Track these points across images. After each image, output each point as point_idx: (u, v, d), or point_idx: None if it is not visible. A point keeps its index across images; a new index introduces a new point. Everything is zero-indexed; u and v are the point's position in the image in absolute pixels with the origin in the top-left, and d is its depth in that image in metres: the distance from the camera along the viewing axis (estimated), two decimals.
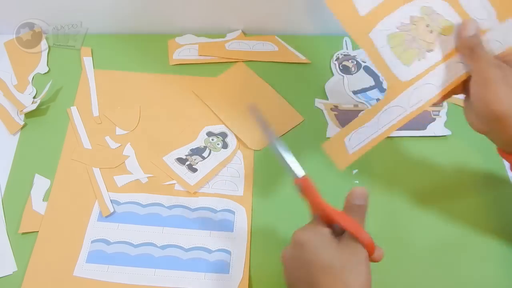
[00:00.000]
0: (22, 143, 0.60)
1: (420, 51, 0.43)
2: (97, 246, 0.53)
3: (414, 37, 0.44)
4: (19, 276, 0.50)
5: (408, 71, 0.44)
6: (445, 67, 0.43)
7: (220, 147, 0.60)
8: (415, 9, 0.44)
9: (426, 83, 0.43)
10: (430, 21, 0.44)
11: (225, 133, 0.62)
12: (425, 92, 0.43)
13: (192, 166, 0.58)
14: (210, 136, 0.61)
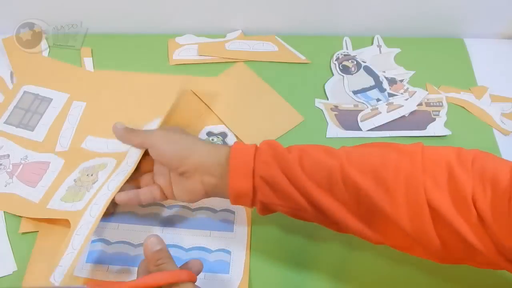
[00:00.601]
0: None
1: (87, 187, 0.53)
2: (97, 246, 0.53)
3: (81, 185, 0.54)
4: (19, 276, 0.50)
5: (82, 202, 0.52)
6: (108, 183, 0.52)
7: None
8: (75, 175, 0.56)
9: (100, 196, 0.51)
10: (88, 172, 0.55)
11: (225, 133, 0.62)
12: (101, 202, 0.50)
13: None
14: (210, 136, 0.61)
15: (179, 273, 0.39)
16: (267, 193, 0.43)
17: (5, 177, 0.57)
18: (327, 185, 0.41)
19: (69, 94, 0.65)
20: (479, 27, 0.73)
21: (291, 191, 0.42)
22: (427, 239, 0.38)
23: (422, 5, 0.70)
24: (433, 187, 0.38)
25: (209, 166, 0.45)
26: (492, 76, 0.69)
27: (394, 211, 0.39)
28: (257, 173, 0.43)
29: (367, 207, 0.40)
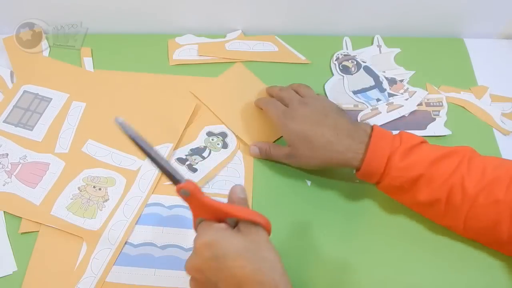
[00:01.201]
0: None
1: (98, 204, 0.55)
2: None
3: (88, 198, 0.55)
4: (19, 276, 0.50)
5: (96, 221, 0.54)
6: (123, 206, 0.55)
7: (220, 147, 0.60)
8: (79, 181, 0.57)
9: (116, 221, 0.54)
10: (94, 183, 0.57)
11: (225, 133, 0.62)
12: (119, 228, 0.53)
13: (192, 166, 0.58)
14: (210, 136, 0.61)
15: (257, 215, 0.41)
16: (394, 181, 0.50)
17: (3, 176, 0.57)
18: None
19: (69, 94, 0.65)
20: (479, 27, 0.73)
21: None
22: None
23: (422, 5, 0.70)
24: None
25: (343, 161, 0.51)
26: (492, 76, 0.69)
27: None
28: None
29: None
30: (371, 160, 0.49)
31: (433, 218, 0.52)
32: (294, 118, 0.53)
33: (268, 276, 0.38)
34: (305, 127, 0.52)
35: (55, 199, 0.55)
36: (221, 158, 0.59)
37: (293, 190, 0.58)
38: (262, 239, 0.40)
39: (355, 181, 0.58)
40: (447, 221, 0.51)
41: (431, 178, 0.48)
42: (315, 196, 0.57)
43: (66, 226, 0.53)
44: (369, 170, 0.50)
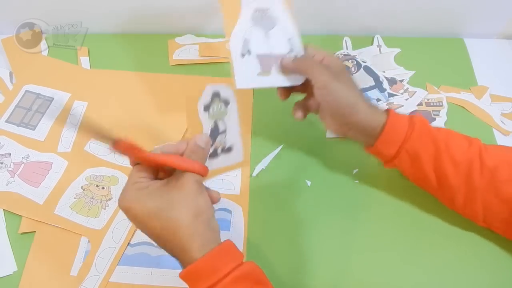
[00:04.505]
0: None
1: (101, 203, 0.55)
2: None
3: (92, 197, 0.56)
4: (19, 276, 0.51)
5: (99, 220, 0.54)
6: None
7: (225, 108, 0.49)
8: (82, 180, 0.57)
9: (120, 220, 0.54)
10: (97, 182, 0.57)
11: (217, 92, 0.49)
12: (123, 227, 0.54)
13: (225, 147, 0.49)
14: (210, 108, 0.48)
15: (193, 163, 0.41)
16: (405, 162, 0.50)
17: (6, 176, 0.57)
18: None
19: (71, 93, 0.65)
20: (479, 27, 0.73)
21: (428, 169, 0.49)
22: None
23: (422, 5, 0.70)
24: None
25: (365, 129, 0.49)
26: (492, 76, 0.69)
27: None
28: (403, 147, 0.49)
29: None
30: (394, 122, 0.48)
31: (448, 199, 0.51)
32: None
33: (175, 236, 0.39)
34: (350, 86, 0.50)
35: (59, 198, 0.56)
36: (235, 111, 0.49)
37: (293, 190, 0.58)
38: (184, 193, 0.40)
39: (355, 181, 0.59)
40: (463, 199, 0.49)
41: (449, 147, 0.48)
42: (315, 196, 0.58)
43: (69, 225, 0.54)
44: (392, 133, 0.48)
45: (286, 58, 0.52)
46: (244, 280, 0.39)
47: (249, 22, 0.51)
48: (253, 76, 0.51)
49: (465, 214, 0.51)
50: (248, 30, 0.52)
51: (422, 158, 0.48)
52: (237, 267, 0.39)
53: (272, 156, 0.60)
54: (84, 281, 0.50)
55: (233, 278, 0.38)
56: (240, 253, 0.42)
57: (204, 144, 0.43)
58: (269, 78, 0.52)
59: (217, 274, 0.38)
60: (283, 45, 0.53)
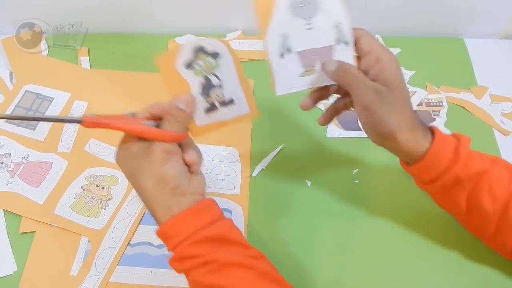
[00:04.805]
0: None
1: (101, 203, 0.55)
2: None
3: (92, 197, 0.56)
4: (19, 276, 0.51)
5: (99, 220, 0.54)
6: (126, 205, 0.55)
7: (213, 61, 0.44)
8: (82, 180, 0.57)
9: (120, 220, 0.54)
10: (97, 182, 0.57)
11: (201, 47, 0.45)
12: (123, 227, 0.54)
13: (224, 101, 0.44)
14: (195, 64, 0.43)
15: (160, 133, 0.40)
16: (439, 190, 0.46)
17: (6, 176, 0.57)
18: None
19: (71, 93, 0.65)
20: (479, 27, 0.73)
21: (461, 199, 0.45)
22: None
23: (422, 5, 0.70)
24: None
25: (405, 153, 0.44)
26: (492, 76, 0.69)
27: None
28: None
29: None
30: (437, 151, 0.43)
31: (475, 227, 0.49)
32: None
33: (144, 201, 0.41)
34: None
35: (59, 198, 0.56)
36: (230, 62, 0.43)
37: (293, 190, 0.58)
38: (148, 161, 0.40)
39: (355, 181, 0.59)
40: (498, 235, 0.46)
41: (491, 180, 0.44)
42: (315, 196, 0.58)
43: (69, 225, 0.54)
44: (433, 163, 0.44)
45: (328, 64, 0.44)
46: (206, 242, 0.39)
47: (286, 13, 0.43)
48: (295, 78, 0.45)
49: (492, 245, 0.49)
50: (286, 23, 0.44)
51: (458, 189, 0.45)
52: (200, 229, 0.39)
53: (272, 156, 0.60)
54: (84, 281, 0.50)
55: (192, 241, 0.39)
56: (212, 214, 0.41)
57: (185, 105, 0.42)
58: (313, 77, 0.45)
59: (179, 237, 0.39)
60: (328, 34, 0.44)
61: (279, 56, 0.44)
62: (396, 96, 0.42)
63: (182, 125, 0.42)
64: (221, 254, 0.39)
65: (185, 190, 0.41)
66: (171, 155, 0.40)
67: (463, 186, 0.44)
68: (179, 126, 0.42)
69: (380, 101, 0.42)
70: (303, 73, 0.45)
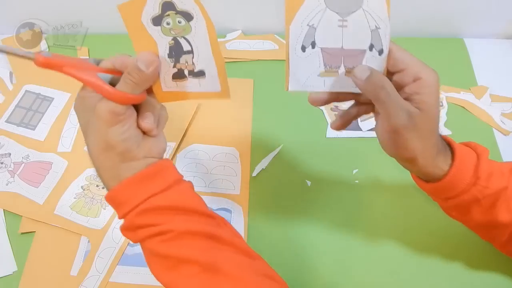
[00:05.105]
0: None
1: (101, 203, 0.55)
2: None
3: (92, 197, 0.56)
4: (19, 276, 0.51)
5: (99, 220, 0.54)
6: None
7: (185, 22, 0.38)
8: (82, 180, 0.57)
9: (120, 220, 0.51)
10: (97, 182, 0.57)
11: (170, 3, 0.38)
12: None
13: (193, 70, 0.40)
14: (163, 22, 0.38)
15: (112, 93, 0.36)
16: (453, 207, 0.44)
17: (6, 176, 0.57)
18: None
19: (71, 93, 0.65)
20: (479, 27, 0.73)
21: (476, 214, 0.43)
22: None
23: (422, 5, 0.70)
24: None
25: (422, 173, 0.41)
26: (492, 76, 0.69)
27: None
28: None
29: None
30: (457, 174, 0.40)
31: (486, 233, 0.47)
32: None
33: (89, 154, 0.39)
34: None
35: (59, 198, 0.56)
36: (203, 30, 0.38)
37: (293, 190, 0.58)
38: (94, 122, 0.37)
39: (355, 181, 0.59)
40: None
41: (509, 196, 0.41)
42: (315, 196, 0.58)
43: (69, 225, 0.54)
44: (450, 185, 0.41)
45: (359, 70, 0.38)
46: (158, 210, 0.37)
47: (320, 2, 0.37)
48: (312, 76, 0.40)
49: (503, 250, 0.47)
50: (318, 13, 0.37)
51: (474, 206, 0.42)
52: (151, 196, 0.37)
53: (272, 156, 0.60)
54: (84, 281, 0.50)
55: (139, 211, 0.37)
56: (166, 178, 0.38)
57: (145, 66, 0.37)
58: (334, 80, 0.40)
59: (128, 204, 0.37)
60: (362, 37, 0.38)
61: (300, 48, 0.39)
62: (427, 121, 0.38)
63: (138, 87, 0.37)
64: (177, 223, 0.37)
65: (136, 154, 0.38)
66: (118, 117, 0.36)
67: (480, 204, 0.41)
68: (134, 88, 0.37)
69: (413, 125, 0.37)
70: (322, 72, 0.40)
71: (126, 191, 0.37)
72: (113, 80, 0.38)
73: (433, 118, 0.38)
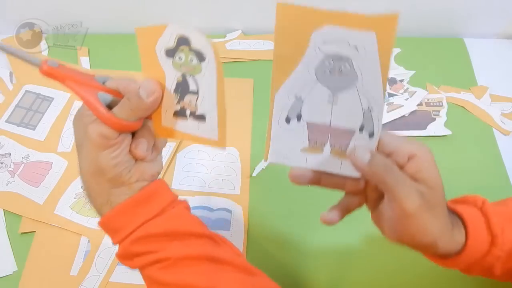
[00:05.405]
0: None
1: None
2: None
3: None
4: (19, 276, 0.51)
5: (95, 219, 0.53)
6: None
7: (197, 61, 0.36)
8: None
9: None
10: None
11: (185, 39, 0.37)
12: None
13: (195, 113, 0.38)
14: (176, 56, 0.37)
15: (106, 116, 0.35)
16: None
17: (6, 176, 0.57)
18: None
19: (71, 93, 0.65)
20: (479, 27, 0.73)
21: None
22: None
23: (422, 5, 0.70)
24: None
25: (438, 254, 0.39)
26: (492, 76, 0.69)
27: None
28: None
29: None
30: (474, 243, 0.38)
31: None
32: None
33: (80, 175, 0.37)
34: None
35: (59, 198, 0.56)
36: (213, 75, 0.36)
37: (292, 190, 0.58)
38: (86, 145, 0.35)
39: None
40: None
41: None
42: (315, 196, 0.57)
43: (69, 225, 0.54)
44: (475, 248, 0.38)
45: (359, 152, 0.34)
46: (154, 237, 0.36)
47: (311, 75, 0.34)
48: (294, 150, 0.38)
49: (500, 278, 0.43)
50: (306, 84, 0.35)
51: (497, 264, 0.39)
52: (145, 222, 0.36)
53: None
54: (84, 281, 0.50)
55: (134, 239, 0.36)
56: (159, 202, 0.37)
57: (146, 94, 0.35)
58: (317, 158, 0.37)
59: (121, 232, 0.36)
60: (353, 117, 0.35)
61: (284, 120, 0.37)
62: (437, 196, 0.35)
63: (134, 114, 0.36)
64: (174, 249, 0.36)
65: (128, 179, 0.36)
66: (109, 141, 0.35)
67: (502, 260, 0.39)
68: (130, 114, 0.35)
69: (428, 206, 0.34)
70: (306, 148, 0.37)
71: (119, 217, 0.36)
72: (114, 102, 0.37)
73: (441, 192, 0.36)
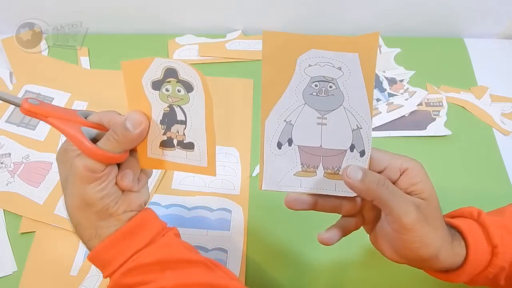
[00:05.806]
0: None
1: None
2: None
3: None
4: (19, 276, 0.51)
5: None
6: None
7: (184, 92, 0.37)
8: None
9: None
10: None
11: (173, 69, 0.38)
12: None
13: (183, 141, 0.39)
14: (162, 88, 0.37)
15: (91, 149, 0.35)
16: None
17: (6, 176, 0.57)
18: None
19: (71, 93, 0.65)
20: (479, 27, 0.73)
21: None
22: None
23: (422, 5, 0.70)
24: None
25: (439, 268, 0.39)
26: (492, 76, 0.69)
27: None
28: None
29: None
30: (475, 256, 0.38)
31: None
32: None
33: (66, 210, 0.37)
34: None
35: (59, 198, 0.56)
36: (201, 104, 0.37)
37: None
38: (72, 178, 0.35)
39: None
40: None
41: None
42: None
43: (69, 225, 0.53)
44: (476, 260, 0.38)
45: (352, 171, 0.35)
46: (146, 268, 0.35)
47: (298, 98, 0.35)
48: (288, 175, 0.38)
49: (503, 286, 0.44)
50: (295, 109, 0.36)
51: (501, 274, 0.39)
52: (135, 254, 0.35)
53: None
54: (84, 281, 0.50)
55: (125, 271, 0.35)
56: (148, 231, 0.37)
57: (132, 126, 0.36)
58: (311, 181, 0.38)
59: (112, 265, 0.35)
60: (343, 137, 0.36)
61: (276, 145, 0.37)
62: (433, 208, 0.36)
63: (120, 146, 0.36)
64: (167, 279, 0.35)
65: (115, 211, 0.36)
66: (95, 174, 0.35)
67: (504, 270, 0.39)
68: (116, 147, 0.35)
69: (425, 219, 0.35)
70: (299, 172, 0.38)
71: (109, 250, 0.36)
72: (99, 135, 0.37)
73: (437, 204, 0.36)
